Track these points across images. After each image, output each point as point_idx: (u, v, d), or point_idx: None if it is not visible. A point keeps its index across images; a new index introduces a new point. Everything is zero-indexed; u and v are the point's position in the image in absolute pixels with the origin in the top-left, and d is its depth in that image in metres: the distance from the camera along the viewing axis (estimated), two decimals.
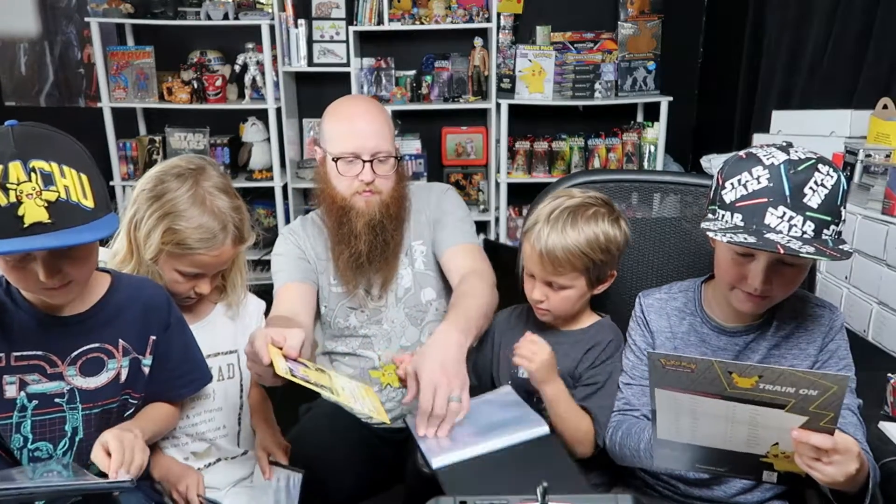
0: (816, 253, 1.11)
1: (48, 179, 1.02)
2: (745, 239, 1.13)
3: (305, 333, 1.34)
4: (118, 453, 1.11)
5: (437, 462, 1.28)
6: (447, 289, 1.77)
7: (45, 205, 1.01)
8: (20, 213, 1.00)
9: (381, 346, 1.74)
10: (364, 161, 1.62)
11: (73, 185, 1.04)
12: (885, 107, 2.27)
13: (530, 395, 1.48)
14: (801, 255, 1.10)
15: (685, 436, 1.11)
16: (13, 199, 1.00)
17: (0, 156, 1.00)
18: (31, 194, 1.00)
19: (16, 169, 1.00)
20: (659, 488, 1.40)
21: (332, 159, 1.64)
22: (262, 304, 1.63)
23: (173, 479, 1.40)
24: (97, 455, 1.13)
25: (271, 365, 1.22)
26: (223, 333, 1.54)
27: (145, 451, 1.16)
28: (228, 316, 1.56)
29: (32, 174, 1.01)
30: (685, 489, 1.37)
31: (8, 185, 0.99)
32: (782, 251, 1.10)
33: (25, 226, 1.00)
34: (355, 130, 1.62)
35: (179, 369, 1.37)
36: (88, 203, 1.05)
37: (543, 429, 1.35)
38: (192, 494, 1.37)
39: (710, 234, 1.17)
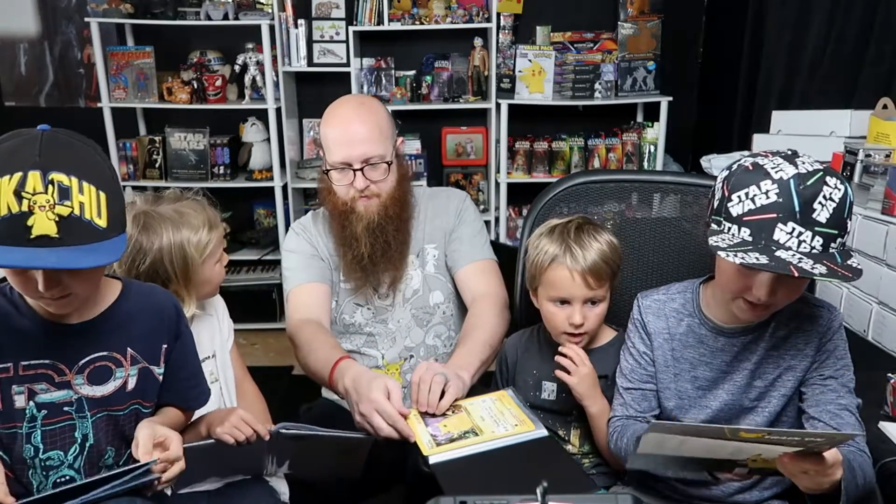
0: (829, 274, 1.09)
1: (65, 194, 1.00)
2: (758, 259, 1.10)
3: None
4: (177, 444, 1.16)
5: (433, 458, 1.29)
6: (457, 292, 1.78)
7: (56, 219, 1.00)
8: (29, 223, 0.99)
9: (386, 346, 1.74)
10: (355, 170, 1.62)
11: (90, 202, 1.03)
12: (885, 107, 2.28)
13: (558, 414, 1.51)
14: (814, 276, 1.09)
15: (668, 450, 1.11)
16: (25, 207, 0.98)
17: (22, 162, 0.99)
18: (44, 206, 0.99)
19: (34, 178, 0.99)
20: (658, 487, 1.40)
21: (324, 170, 1.66)
22: (227, 310, 1.67)
23: (218, 422, 1.37)
24: (145, 447, 1.14)
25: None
26: (205, 338, 1.56)
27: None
28: (208, 313, 1.60)
29: (50, 186, 0.99)
30: (683, 489, 1.37)
31: (23, 194, 0.98)
32: (797, 274, 1.08)
33: (32, 237, 0.99)
34: (345, 137, 1.62)
35: (193, 379, 1.36)
36: (101, 222, 1.04)
37: (541, 431, 1.36)
38: (244, 429, 1.35)
39: (722, 255, 1.14)
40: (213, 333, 1.59)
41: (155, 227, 1.45)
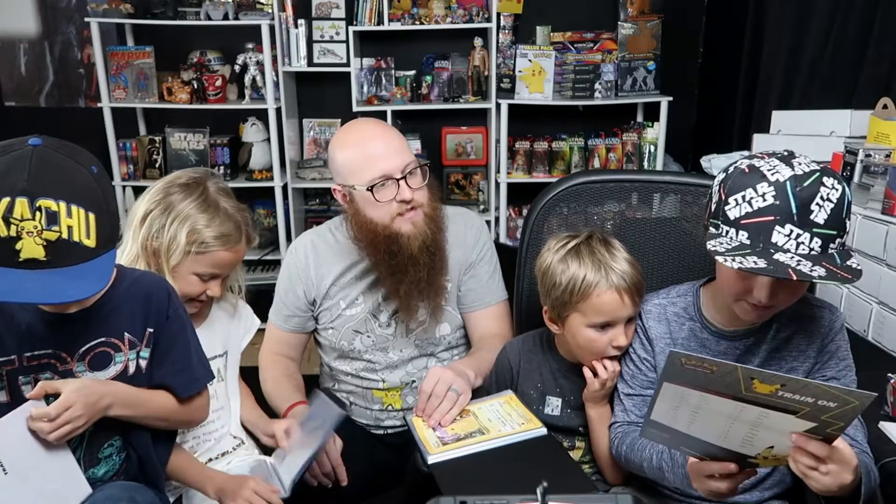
0: (828, 276, 1.08)
1: (52, 219, 1.02)
2: (756, 263, 1.09)
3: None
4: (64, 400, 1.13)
5: (432, 458, 1.29)
6: (463, 321, 1.75)
7: (44, 244, 1.02)
8: (17, 247, 1.01)
9: (386, 373, 1.72)
10: (398, 179, 1.54)
11: (78, 224, 1.05)
12: (885, 107, 2.27)
13: (561, 430, 1.48)
14: (813, 279, 1.08)
15: (680, 424, 1.11)
16: (13, 233, 1.01)
17: (10, 188, 1.01)
18: (32, 232, 1.02)
19: (21, 205, 1.01)
20: (658, 487, 1.39)
21: (367, 189, 1.54)
22: (254, 315, 1.67)
23: (231, 494, 1.35)
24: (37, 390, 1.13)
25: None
26: (218, 336, 1.55)
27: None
28: (228, 313, 1.59)
29: (37, 213, 1.02)
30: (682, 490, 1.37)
31: (11, 220, 1.01)
32: (795, 277, 1.07)
33: (20, 259, 1.02)
34: (376, 153, 1.55)
35: (181, 363, 1.33)
36: (90, 243, 1.06)
37: (541, 430, 1.36)
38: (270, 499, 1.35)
39: (720, 259, 1.13)
40: (228, 334, 1.58)
41: (169, 212, 1.42)
